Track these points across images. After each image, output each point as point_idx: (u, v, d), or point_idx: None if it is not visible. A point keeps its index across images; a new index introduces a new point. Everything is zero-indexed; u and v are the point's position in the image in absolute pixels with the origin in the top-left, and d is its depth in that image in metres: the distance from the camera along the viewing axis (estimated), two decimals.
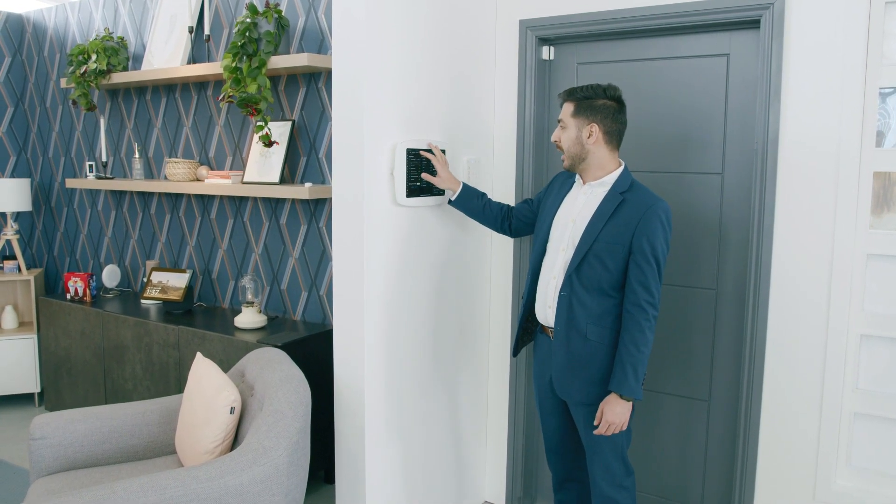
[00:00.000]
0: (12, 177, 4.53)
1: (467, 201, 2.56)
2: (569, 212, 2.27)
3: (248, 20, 3.06)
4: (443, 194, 2.64)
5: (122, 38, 3.93)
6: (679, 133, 2.63)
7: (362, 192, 2.37)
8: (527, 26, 2.80)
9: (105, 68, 3.75)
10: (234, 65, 3.04)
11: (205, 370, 2.42)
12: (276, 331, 3.19)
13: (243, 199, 3.58)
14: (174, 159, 3.58)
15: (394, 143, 2.46)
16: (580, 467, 2.46)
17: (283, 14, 3.16)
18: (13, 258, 4.35)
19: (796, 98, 2.33)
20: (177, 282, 3.63)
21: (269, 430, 2.14)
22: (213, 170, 3.64)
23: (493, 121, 2.96)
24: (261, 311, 3.33)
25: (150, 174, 3.98)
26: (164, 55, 3.69)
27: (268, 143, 3.13)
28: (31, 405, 4.28)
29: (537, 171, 2.90)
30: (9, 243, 4.40)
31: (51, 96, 4.46)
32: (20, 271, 4.27)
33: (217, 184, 3.38)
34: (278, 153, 3.26)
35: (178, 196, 3.84)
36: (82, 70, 3.79)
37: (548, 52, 2.87)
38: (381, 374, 2.51)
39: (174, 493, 1.94)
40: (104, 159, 3.99)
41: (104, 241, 4.28)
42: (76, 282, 3.84)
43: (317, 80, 3.24)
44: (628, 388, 2.09)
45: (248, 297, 3.31)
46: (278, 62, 3.04)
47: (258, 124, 3.10)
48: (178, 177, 3.56)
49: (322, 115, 3.24)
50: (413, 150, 2.49)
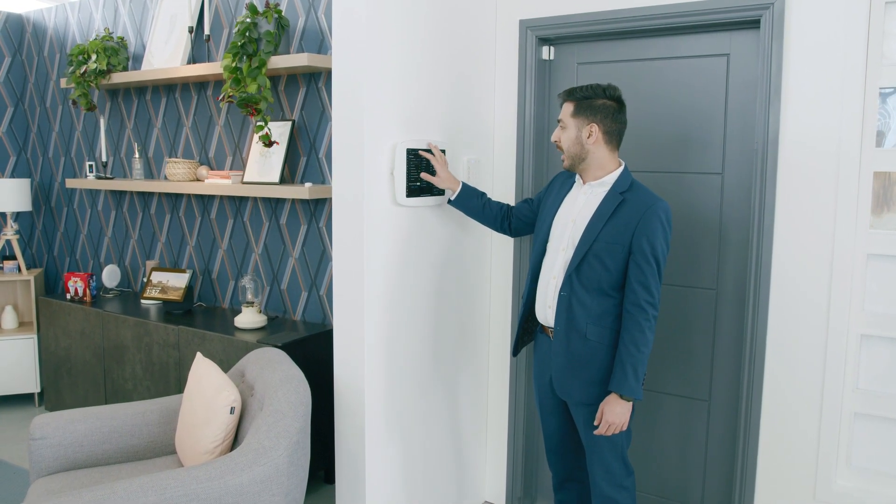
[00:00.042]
0: (12, 177, 4.53)
1: (467, 201, 2.56)
2: (569, 212, 2.27)
3: (248, 20, 3.06)
4: (443, 194, 2.64)
5: (122, 38, 3.93)
6: (679, 133, 2.63)
7: (362, 192, 2.37)
8: (527, 26, 2.80)
9: (105, 68, 3.75)
10: (234, 65, 3.04)
11: (205, 370, 2.42)
12: (276, 331, 3.19)
13: (243, 199, 3.58)
14: (174, 159, 3.58)
15: (394, 143, 2.46)
16: (580, 467, 2.46)
17: (283, 14, 3.16)
18: (13, 258, 4.35)
19: (796, 98, 2.33)
20: (177, 282, 3.63)
21: (269, 430, 2.14)
22: (213, 170, 3.64)
23: (493, 121, 2.96)
24: (261, 311, 3.33)
25: (150, 174, 3.98)
26: (164, 55, 3.69)
27: (268, 143, 3.13)
28: (31, 405, 4.28)
29: (537, 171, 2.90)
30: (9, 243, 4.40)
31: (51, 96, 4.46)
32: (20, 271, 4.27)
33: (217, 184, 3.38)
34: (278, 153, 3.26)
35: (178, 196, 3.84)
36: (82, 70, 3.79)
37: (548, 52, 2.87)
38: (381, 374, 2.51)
39: (174, 493, 1.94)
40: (104, 159, 3.99)
41: (104, 241, 4.28)
42: (76, 282, 3.84)
43: (317, 80, 3.24)
44: (628, 388, 2.09)
45: (248, 297, 3.31)
46: (278, 62, 3.04)
47: (258, 124, 3.10)
48: (178, 177, 3.56)
49: (322, 115, 3.24)
50: (413, 150, 2.49)
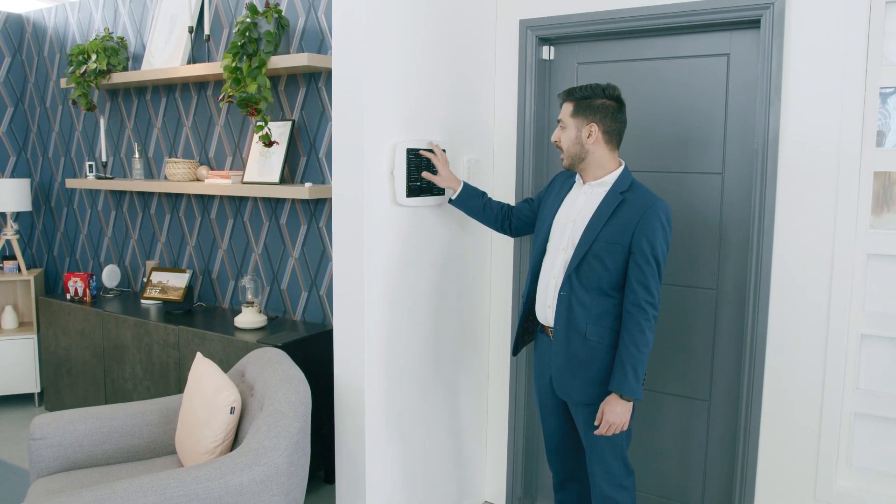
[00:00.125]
0: (12, 177, 4.53)
1: (468, 200, 2.56)
2: (569, 211, 2.27)
3: (248, 20, 3.06)
4: (443, 194, 2.64)
5: (122, 38, 3.93)
6: (679, 133, 2.63)
7: (362, 192, 2.36)
8: (527, 26, 2.80)
9: (105, 68, 3.75)
10: (234, 65, 3.04)
11: (205, 370, 2.42)
12: (276, 331, 3.19)
13: (243, 199, 3.58)
14: (174, 159, 3.58)
15: (394, 143, 2.46)
16: (581, 467, 2.46)
17: (283, 14, 3.16)
18: (13, 258, 4.35)
19: (796, 98, 2.33)
20: (177, 282, 3.63)
21: (269, 430, 2.14)
22: (213, 170, 3.64)
23: (493, 121, 2.96)
24: (261, 311, 3.33)
25: (150, 174, 3.98)
26: (164, 55, 3.69)
27: (268, 143, 3.13)
28: (31, 405, 4.28)
29: (537, 171, 2.90)
30: (9, 243, 4.40)
31: (51, 96, 4.45)
32: (20, 271, 4.27)
33: (217, 184, 3.37)
34: (278, 153, 3.26)
35: (178, 196, 3.84)
36: (82, 70, 3.78)
37: (548, 52, 2.87)
38: (381, 374, 2.51)
39: (174, 493, 1.94)
40: (104, 159, 3.99)
41: (104, 241, 4.28)
42: (76, 282, 3.84)
43: (317, 80, 3.23)
44: (628, 388, 2.09)
45: (248, 297, 3.31)
46: (278, 62, 3.03)
47: (258, 124, 3.10)
48: (178, 177, 3.55)
49: (322, 115, 3.24)
50: (413, 149, 2.49)
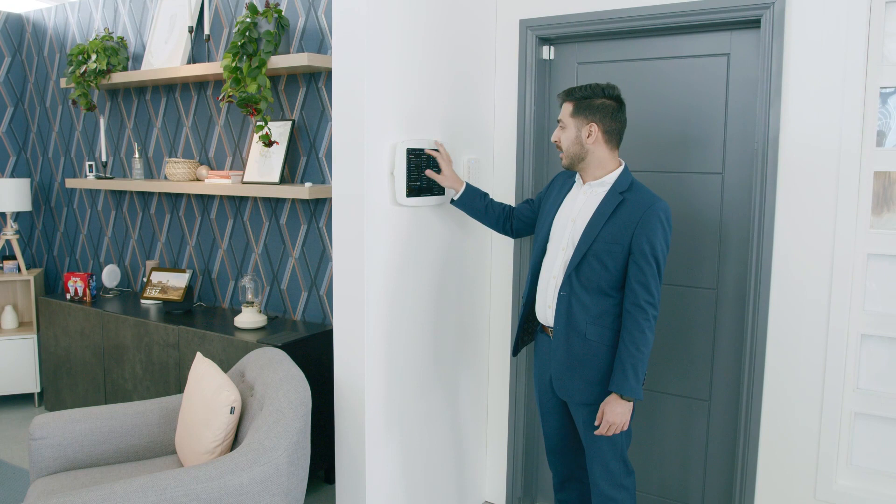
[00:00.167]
0: (12, 177, 4.53)
1: (470, 201, 2.56)
2: (569, 211, 2.26)
3: (248, 20, 3.06)
4: (443, 193, 2.64)
5: (122, 38, 3.93)
6: (679, 133, 2.63)
7: (362, 191, 2.36)
8: (527, 26, 2.80)
9: (105, 68, 3.75)
10: (234, 65, 3.04)
11: (205, 370, 2.42)
12: (276, 331, 3.19)
13: (243, 199, 3.58)
14: (174, 159, 3.58)
15: (394, 143, 2.46)
16: (581, 467, 2.46)
17: (283, 14, 3.16)
18: (13, 258, 4.35)
19: (797, 98, 2.33)
20: (177, 282, 3.63)
21: (269, 430, 2.14)
22: (213, 170, 3.64)
23: (494, 120, 2.96)
24: (261, 311, 3.33)
25: (150, 174, 3.98)
26: (164, 55, 3.69)
27: (268, 142, 3.13)
28: (31, 405, 4.28)
29: (537, 171, 2.90)
30: (9, 243, 4.40)
31: (51, 96, 4.45)
32: (20, 271, 4.27)
33: (217, 184, 3.37)
34: (278, 153, 3.26)
35: (178, 196, 3.84)
36: (82, 70, 3.78)
37: (548, 52, 2.87)
38: (381, 374, 2.51)
39: (174, 493, 1.94)
40: (104, 159, 3.99)
41: (104, 241, 4.27)
42: (76, 282, 3.84)
43: (317, 79, 3.23)
44: (628, 388, 2.09)
45: (248, 297, 3.31)
46: (278, 62, 3.03)
47: (258, 124, 3.10)
48: (178, 177, 3.55)
49: (322, 115, 3.24)
50: (413, 149, 2.49)
